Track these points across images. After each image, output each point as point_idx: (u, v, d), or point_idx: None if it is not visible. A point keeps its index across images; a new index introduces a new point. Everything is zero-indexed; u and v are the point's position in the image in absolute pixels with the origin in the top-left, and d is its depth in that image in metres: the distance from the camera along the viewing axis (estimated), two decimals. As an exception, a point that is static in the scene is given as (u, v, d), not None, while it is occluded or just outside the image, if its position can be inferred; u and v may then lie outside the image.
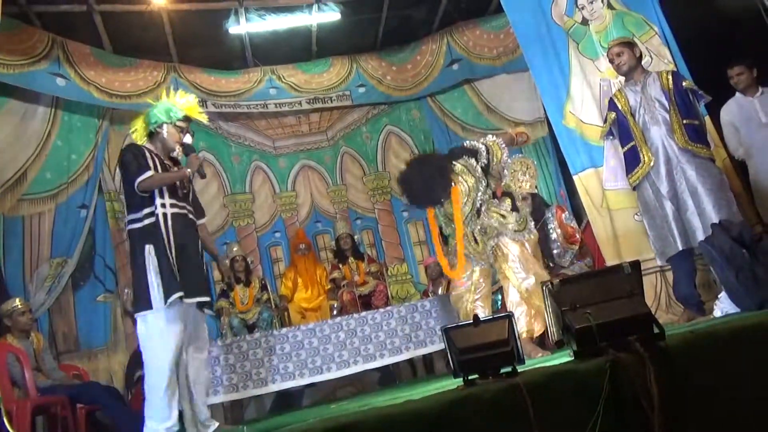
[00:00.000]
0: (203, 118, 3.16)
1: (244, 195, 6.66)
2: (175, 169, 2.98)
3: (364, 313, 4.30)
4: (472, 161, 3.49)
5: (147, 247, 2.74)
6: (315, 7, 5.79)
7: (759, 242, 2.67)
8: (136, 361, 5.19)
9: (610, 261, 4.21)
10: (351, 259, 5.96)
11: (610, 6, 4.52)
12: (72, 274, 5.46)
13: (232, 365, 3.94)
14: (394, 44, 6.71)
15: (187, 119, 3.05)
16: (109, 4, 5.35)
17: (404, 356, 4.20)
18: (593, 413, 1.55)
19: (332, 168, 6.93)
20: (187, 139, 3.05)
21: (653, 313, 2.04)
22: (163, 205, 2.82)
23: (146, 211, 2.80)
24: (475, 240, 3.50)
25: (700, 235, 3.24)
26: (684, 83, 3.56)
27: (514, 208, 3.52)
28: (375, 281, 5.84)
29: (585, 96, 4.49)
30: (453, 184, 3.44)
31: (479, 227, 3.50)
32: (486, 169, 3.50)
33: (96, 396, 4.04)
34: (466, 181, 3.46)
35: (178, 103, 3.04)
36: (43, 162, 5.50)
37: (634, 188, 3.66)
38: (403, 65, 6.68)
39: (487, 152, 3.51)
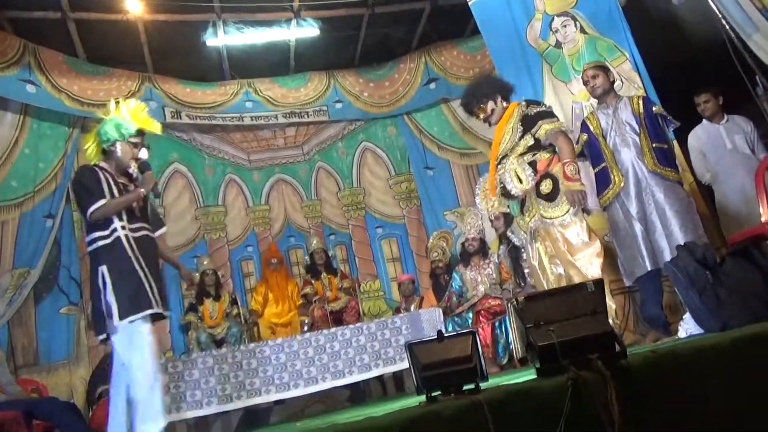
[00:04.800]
0: (156, 129, 3.01)
1: (217, 208, 6.58)
2: (132, 187, 2.86)
3: (333, 329, 4.24)
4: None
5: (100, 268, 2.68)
6: (294, 22, 5.81)
7: (722, 264, 2.70)
8: (99, 375, 5.05)
9: (579, 280, 4.23)
10: (324, 275, 5.91)
11: (583, 31, 4.61)
12: (35, 285, 5.32)
13: (197, 381, 3.84)
14: (372, 61, 6.76)
15: (140, 133, 2.90)
16: (84, 11, 5.30)
17: (373, 373, 4.14)
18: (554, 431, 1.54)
19: (307, 183, 6.90)
20: (143, 154, 2.90)
21: (621, 333, 2.05)
22: (123, 228, 2.74)
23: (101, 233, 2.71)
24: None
25: (668, 256, 3.28)
26: (654, 108, 3.63)
27: (553, 194, 3.28)
28: (347, 297, 5.79)
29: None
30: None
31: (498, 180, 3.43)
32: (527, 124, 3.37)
33: (53, 412, 3.87)
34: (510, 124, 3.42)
35: (129, 116, 2.89)
36: (9, 169, 5.38)
37: (604, 209, 3.71)
38: (381, 82, 6.73)
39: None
